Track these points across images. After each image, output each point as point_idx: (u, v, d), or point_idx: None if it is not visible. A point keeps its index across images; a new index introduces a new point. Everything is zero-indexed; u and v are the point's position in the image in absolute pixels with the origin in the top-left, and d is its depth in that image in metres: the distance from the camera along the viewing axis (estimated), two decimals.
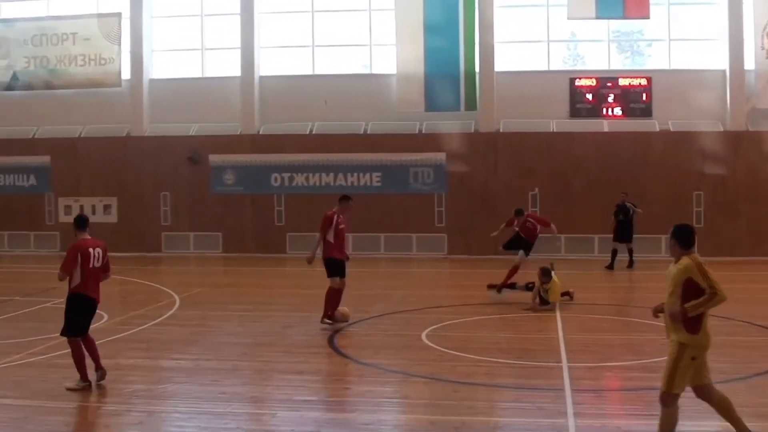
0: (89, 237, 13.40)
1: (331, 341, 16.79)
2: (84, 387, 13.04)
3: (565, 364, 14.49)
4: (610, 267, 29.99)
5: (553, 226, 23.86)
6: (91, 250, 13.21)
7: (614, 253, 30.35)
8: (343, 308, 18.92)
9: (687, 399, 12.17)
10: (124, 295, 25.39)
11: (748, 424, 10.12)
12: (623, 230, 30.46)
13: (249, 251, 35.42)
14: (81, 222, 13.51)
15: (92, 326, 18.45)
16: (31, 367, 14.43)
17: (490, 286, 23.29)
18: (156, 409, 12.27)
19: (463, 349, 15.91)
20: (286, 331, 18.20)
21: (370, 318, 19.48)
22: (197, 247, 36.34)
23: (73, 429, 11.43)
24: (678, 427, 10.30)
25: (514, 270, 23.19)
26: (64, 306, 13.19)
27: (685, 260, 9.73)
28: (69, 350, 13.26)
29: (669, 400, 9.73)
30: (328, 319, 18.49)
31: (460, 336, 17.50)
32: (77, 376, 13.09)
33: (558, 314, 20.04)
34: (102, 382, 13.19)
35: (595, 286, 26.69)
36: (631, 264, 30.23)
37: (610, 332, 18.24)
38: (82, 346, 13.29)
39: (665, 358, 9.89)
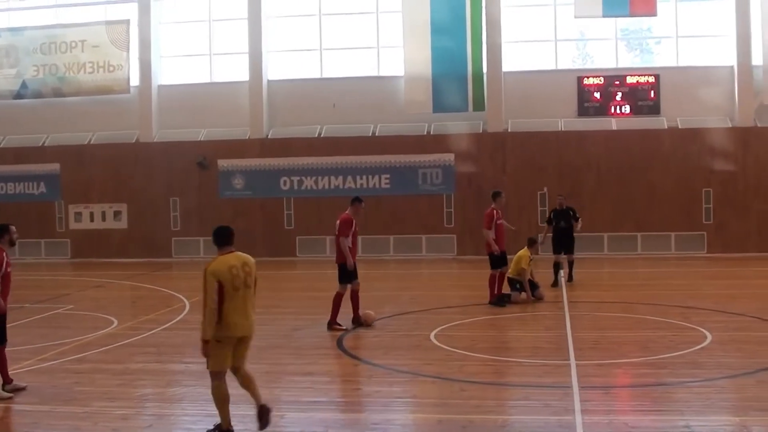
0: None
1: (339, 343, 16.83)
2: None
3: (573, 362, 14.49)
4: (555, 284, 24.85)
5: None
6: None
7: (557, 267, 25.37)
8: (368, 311, 19.00)
9: (693, 394, 12.27)
10: (134, 300, 25.53)
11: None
12: (564, 239, 25.64)
13: (258, 255, 34.73)
14: None
15: (103, 331, 18.67)
16: (42, 373, 14.50)
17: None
18: (165, 412, 12.34)
19: (471, 348, 15.94)
20: (295, 333, 18.22)
21: (379, 319, 19.44)
22: (207, 252, 36.19)
23: None
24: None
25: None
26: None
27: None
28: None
29: (213, 376, 10.87)
30: (339, 323, 18.52)
31: (468, 336, 17.53)
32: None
33: (567, 312, 20.07)
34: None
35: (605, 284, 26.73)
36: (570, 278, 25.77)
37: (619, 330, 18.21)
38: None
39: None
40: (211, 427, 11.02)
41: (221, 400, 10.84)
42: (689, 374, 13.46)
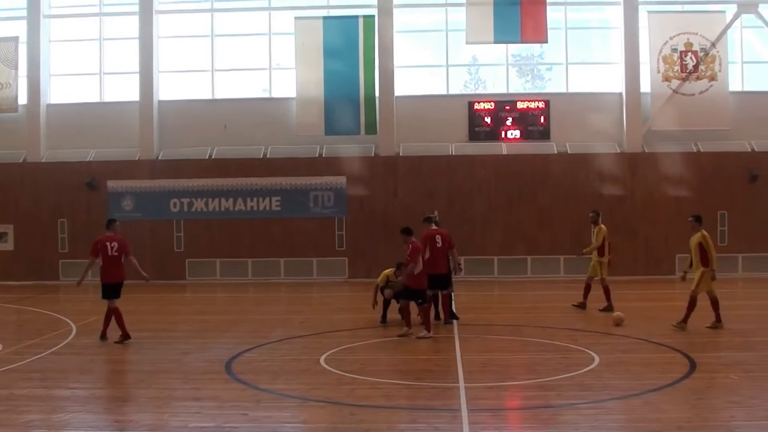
0: None
1: (228, 367, 16.62)
2: None
3: (461, 385, 14.51)
4: (442, 318, 22.02)
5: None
6: None
7: (434, 299, 21.66)
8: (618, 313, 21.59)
9: (581, 416, 12.35)
10: (20, 324, 24.96)
11: None
12: None
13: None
14: None
15: None
16: None
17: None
18: None
19: (361, 372, 15.89)
20: (183, 357, 17.96)
21: (269, 343, 19.36)
22: (96, 275, 35.53)
23: None
24: None
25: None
26: None
27: None
28: None
29: None
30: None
31: (358, 359, 17.48)
32: None
33: (456, 335, 20.14)
34: None
35: (494, 307, 26.90)
36: (453, 316, 22.38)
37: (508, 352, 18.32)
38: None
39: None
40: None
41: None
42: (577, 396, 13.57)
